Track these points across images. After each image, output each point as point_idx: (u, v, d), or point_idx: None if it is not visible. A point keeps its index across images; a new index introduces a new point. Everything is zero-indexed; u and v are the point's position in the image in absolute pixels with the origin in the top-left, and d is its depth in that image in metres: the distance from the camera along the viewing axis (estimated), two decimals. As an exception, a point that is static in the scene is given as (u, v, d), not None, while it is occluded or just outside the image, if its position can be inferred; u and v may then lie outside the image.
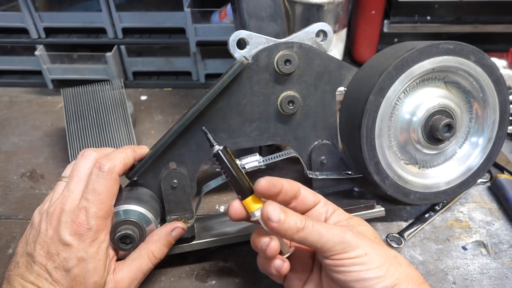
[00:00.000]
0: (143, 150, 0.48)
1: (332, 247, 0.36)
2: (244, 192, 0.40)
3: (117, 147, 0.60)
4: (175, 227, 0.46)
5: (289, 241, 0.43)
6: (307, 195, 0.42)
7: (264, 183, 0.39)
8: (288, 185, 0.40)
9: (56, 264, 0.39)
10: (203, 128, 0.41)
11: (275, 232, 0.38)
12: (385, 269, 0.36)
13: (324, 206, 0.42)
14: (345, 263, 0.36)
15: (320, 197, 0.43)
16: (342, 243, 0.36)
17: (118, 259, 0.45)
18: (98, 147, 0.59)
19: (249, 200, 0.40)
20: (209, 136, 0.41)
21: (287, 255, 0.41)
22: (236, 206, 0.40)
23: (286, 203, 0.41)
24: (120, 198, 0.47)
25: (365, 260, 0.36)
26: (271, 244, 0.39)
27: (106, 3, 0.75)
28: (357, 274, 0.35)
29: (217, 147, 0.40)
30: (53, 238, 0.40)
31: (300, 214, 0.38)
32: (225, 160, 0.40)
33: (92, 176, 0.42)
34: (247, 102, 0.51)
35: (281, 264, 0.39)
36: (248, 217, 0.41)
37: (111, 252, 0.43)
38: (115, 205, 0.45)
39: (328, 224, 0.39)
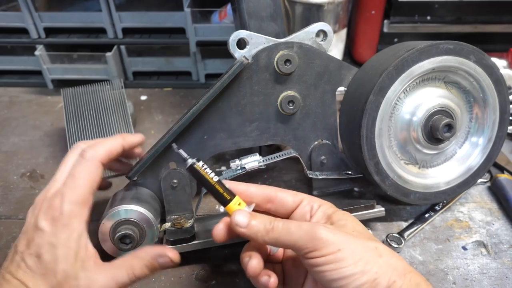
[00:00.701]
0: (135, 138, 0.48)
1: (304, 245, 0.35)
2: (223, 201, 0.39)
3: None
4: (165, 255, 0.42)
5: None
6: (284, 197, 0.41)
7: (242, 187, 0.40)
8: (256, 190, 0.40)
9: (31, 251, 0.38)
10: (173, 145, 0.40)
11: (247, 237, 0.37)
12: (362, 264, 0.34)
13: (308, 204, 0.41)
14: (318, 261, 0.34)
15: (301, 196, 0.42)
16: (313, 240, 0.34)
17: None
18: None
19: (229, 208, 0.39)
20: (180, 152, 0.39)
21: (275, 252, 0.41)
22: (218, 228, 0.40)
23: (261, 208, 0.41)
24: (120, 198, 0.47)
25: (339, 257, 0.34)
26: (250, 262, 0.38)
27: (106, 3, 0.75)
28: (331, 274, 0.34)
29: (190, 161, 0.39)
30: (31, 224, 0.39)
31: (269, 216, 0.38)
32: (199, 173, 0.39)
33: (74, 163, 0.42)
34: (247, 102, 0.51)
35: (267, 280, 0.38)
36: (232, 234, 0.39)
37: (90, 248, 0.41)
38: (115, 205, 0.45)
39: (300, 222, 0.37)
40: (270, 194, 0.41)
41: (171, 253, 0.42)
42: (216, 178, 0.39)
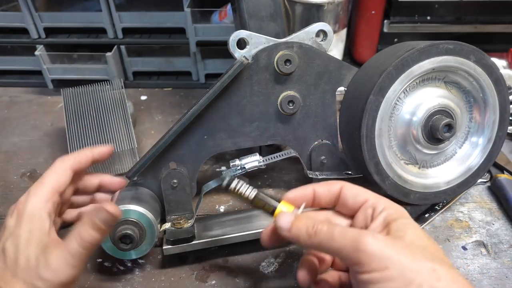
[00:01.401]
0: (104, 148, 0.49)
1: (347, 255, 0.31)
2: (268, 213, 0.39)
3: (117, 147, 0.60)
4: (101, 209, 0.40)
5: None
6: (346, 197, 0.37)
7: (290, 196, 0.38)
8: (322, 190, 0.37)
9: None
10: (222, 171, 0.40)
11: (291, 241, 0.36)
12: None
13: (371, 206, 0.36)
14: (362, 278, 0.30)
15: (365, 195, 0.37)
16: (357, 252, 0.30)
17: None
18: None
19: (275, 215, 0.38)
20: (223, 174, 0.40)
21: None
22: (265, 233, 0.39)
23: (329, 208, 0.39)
24: (120, 198, 0.47)
25: (385, 277, 0.29)
26: (298, 273, 0.38)
27: (106, 3, 0.75)
28: None
29: (225, 183, 0.39)
30: (3, 224, 0.42)
31: (315, 219, 0.35)
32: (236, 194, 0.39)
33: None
34: (247, 102, 0.51)
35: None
36: (279, 238, 0.38)
37: (53, 235, 0.41)
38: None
39: (346, 228, 0.33)
40: (334, 194, 0.38)
41: (109, 206, 0.40)
42: (252, 195, 0.39)
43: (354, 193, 0.37)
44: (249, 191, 0.39)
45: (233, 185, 0.39)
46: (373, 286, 0.30)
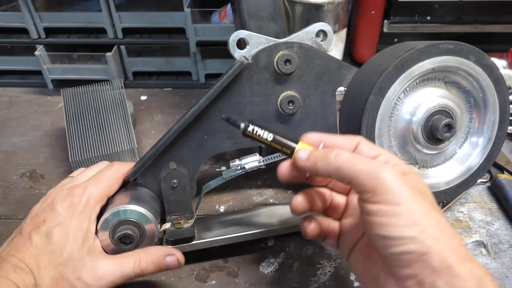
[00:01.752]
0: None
1: (364, 182, 0.31)
2: (286, 155, 0.39)
3: (117, 147, 0.60)
4: (173, 254, 0.43)
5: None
6: (362, 150, 0.36)
7: (309, 137, 0.39)
8: (341, 141, 0.37)
9: (39, 230, 0.40)
10: (223, 115, 0.39)
11: (309, 171, 0.36)
12: (416, 231, 0.29)
13: (383, 160, 0.35)
14: (371, 209, 0.30)
15: (379, 151, 0.36)
16: (375, 179, 0.30)
17: None
18: (98, 147, 0.60)
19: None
20: (232, 119, 0.39)
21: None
22: (284, 166, 0.38)
23: None
24: (120, 198, 0.47)
25: (394, 211, 0.29)
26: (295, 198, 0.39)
27: (106, 3, 0.75)
28: (378, 228, 0.30)
29: (243, 125, 0.39)
30: (45, 209, 0.42)
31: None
32: (254, 138, 0.39)
33: (103, 168, 0.47)
34: (247, 102, 0.51)
35: (307, 225, 0.40)
36: (295, 173, 0.38)
37: (97, 241, 0.43)
38: (115, 205, 0.45)
39: (368, 158, 0.33)
40: (353, 146, 0.37)
41: (179, 254, 0.44)
42: (270, 137, 0.39)
43: (370, 147, 0.37)
44: (267, 134, 0.39)
45: (250, 128, 0.39)
46: (378, 218, 0.30)
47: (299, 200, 0.39)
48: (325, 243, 0.42)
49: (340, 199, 0.42)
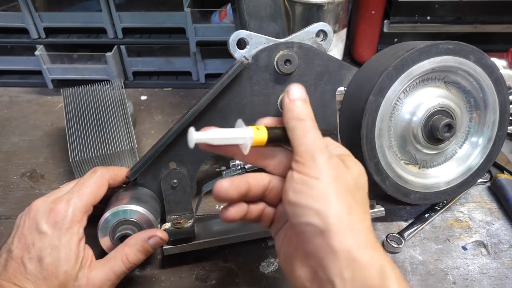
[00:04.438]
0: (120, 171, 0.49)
1: (300, 152, 0.33)
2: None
3: (117, 147, 0.60)
4: (154, 235, 0.44)
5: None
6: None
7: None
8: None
9: (31, 255, 0.39)
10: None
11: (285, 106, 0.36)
12: (324, 206, 0.30)
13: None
14: (293, 175, 0.33)
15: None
16: (310, 156, 0.33)
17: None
18: (98, 147, 0.59)
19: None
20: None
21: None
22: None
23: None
24: (120, 198, 0.47)
25: (310, 183, 0.31)
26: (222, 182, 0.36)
27: (106, 3, 0.75)
28: (293, 196, 0.32)
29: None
30: (30, 228, 0.41)
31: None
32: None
33: (84, 176, 0.45)
34: (247, 102, 0.51)
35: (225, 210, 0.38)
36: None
37: (88, 250, 0.43)
38: (115, 205, 0.45)
39: (323, 139, 0.34)
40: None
41: (160, 232, 0.45)
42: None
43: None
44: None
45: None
46: (295, 185, 0.32)
47: (225, 185, 0.36)
48: (261, 225, 0.41)
49: (279, 184, 0.39)
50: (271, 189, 0.39)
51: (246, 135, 0.35)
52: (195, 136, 0.34)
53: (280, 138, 0.37)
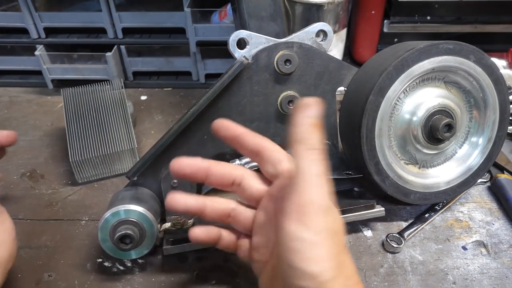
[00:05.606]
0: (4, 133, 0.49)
1: (299, 205, 0.32)
2: None
3: (117, 147, 0.60)
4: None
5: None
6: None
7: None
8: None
9: None
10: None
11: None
12: (318, 268, 0.30)
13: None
14: (289, 232, 0.32)
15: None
16: (309, 212, 0.32)
17: None
18: (98, 147, 0.60)
19: None
20: None
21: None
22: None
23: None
24: (120, 198, 0.47)
25: (306, 244, 0.31)
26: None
27: (106, 3, 0.75)
28: (286, 255, 0.31)
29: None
30: None
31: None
32: None
33: None
34: (247, 102, 0.51)
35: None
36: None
37: None
38: (115, 205, 0.45)
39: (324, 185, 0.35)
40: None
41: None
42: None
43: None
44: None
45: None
46: (289, 244, 0.31)
47: (178, 198, 0.39)
48: (238, 255, 0.42)
49: (247, 213, 0.41)
50: (234, 217, 0.41)
51: None
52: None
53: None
